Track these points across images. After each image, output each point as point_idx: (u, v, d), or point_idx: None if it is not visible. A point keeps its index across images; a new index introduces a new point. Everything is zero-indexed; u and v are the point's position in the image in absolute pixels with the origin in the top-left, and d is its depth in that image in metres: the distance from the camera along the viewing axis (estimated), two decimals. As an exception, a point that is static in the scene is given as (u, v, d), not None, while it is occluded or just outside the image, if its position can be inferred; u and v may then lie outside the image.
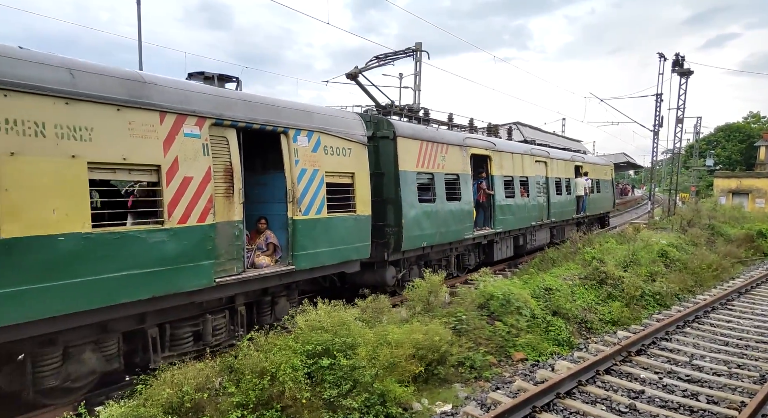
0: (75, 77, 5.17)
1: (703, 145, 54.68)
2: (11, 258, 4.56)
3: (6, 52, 4.80)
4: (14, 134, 4.64)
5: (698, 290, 12.40)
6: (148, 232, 5.66)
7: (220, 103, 6.60)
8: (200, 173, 6.19)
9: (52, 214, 4.87)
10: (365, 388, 5.28)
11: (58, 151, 4.94)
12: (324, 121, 8.25)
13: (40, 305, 4.77)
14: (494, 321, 8.04)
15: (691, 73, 27.74)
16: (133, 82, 5.69)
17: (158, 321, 6.15)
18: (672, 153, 32.35)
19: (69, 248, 4.97)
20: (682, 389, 6.28)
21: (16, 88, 4.68)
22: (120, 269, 5.36)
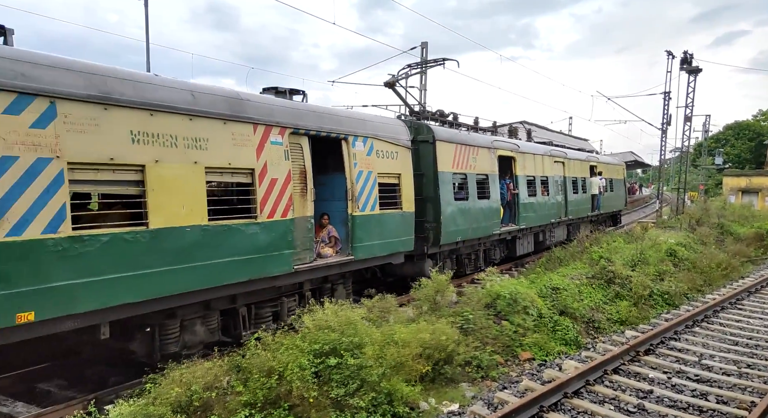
0: (195, 98, 6.30)
1: (711, 144, 54.19)
2: (156, 244, 5.72)
3: (149, 79, 6.00)
4: (158, 145, 5.78)
5: (707, 289, 12.30)
6: (246, 225, 6.75)
7: (296, 115, 7.70)
8: (283, 175, 7.29)
9: (182, 209, 5.98)
10: (372, 387, 5.29)
11: (185, 159, 6.06)
12: (376, 128, 9.33)
13: (173, 283, 5.88)
14: (501, 321, 8.03)
15: (700, 71, 27.49)
16: (233, 99, 6.80)
17: (246, 302, 7.22)
18: (680, 151, 32.10)
19: (192, 238, 6.09)
20: (691, 389, 6.24)
21: (157, 109, 5.80)
22: (226, 255, 6.47)
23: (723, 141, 56.99)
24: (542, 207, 15.19)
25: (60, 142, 5.01)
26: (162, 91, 5.94)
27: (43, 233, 4.87)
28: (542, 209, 15.21)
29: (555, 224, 16.39)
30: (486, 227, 12.31)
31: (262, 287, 7.17)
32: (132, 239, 5.51)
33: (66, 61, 5.30)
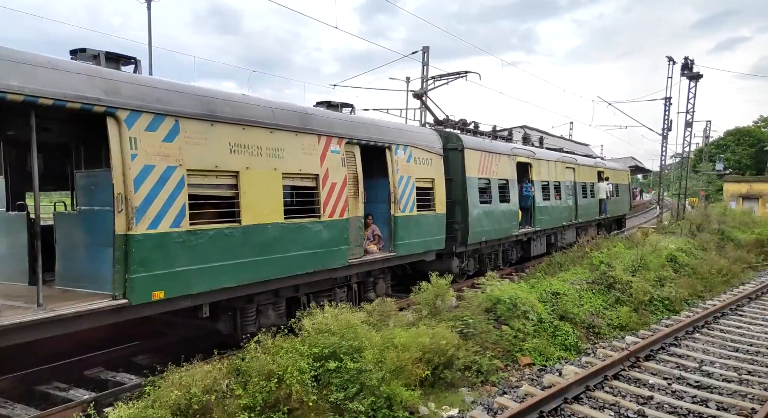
0: (274, 113, 7.36)
1: (712, 149, 54.23)
2: (247, 238, 6.77)
3: (241, 99, 7.17)
4: (248, 154, 6.83)
5: (708, 295, 12.28)
6: (312, 223, 7.80)
7: (350, 127, 8.78)
8: (340, 180, 8.32)
9: (265, 209, 7.03)
10: (372, 391, 5.28)
11: (267, 166, 7.12)
12: (413, 137, 10.42)
13: (257, 271, 6.94)
14: (501, 325, 8.02)
15: (701, 77, 27.56)
16: (302, 114, 7.89)
17: (307, 291, 8.23)
18: (681, 157, 32.11)
19: (272, 234, 7.12)
20: (692, 396, 6.22)
21: (248, 124, 6.87)
22: (297, 249, 7.50)
23: (724, 147, 57.02)
24: (555, 210, 16.05)
25: (182, 152, 6.11)
26: (251, 109, 7.06)
27: (171, 227, 5.95)
28: (555, 213, 16.06)
29: (566, 226, 17.20)
30: (506, 229, 13.25)
31: (321, 279, 8.26)
32: (229, 233, 6.60)
33: (185, 87, 6.53)
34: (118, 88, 5.69)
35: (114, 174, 5.51)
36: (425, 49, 22.72)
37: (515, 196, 13.73)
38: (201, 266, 6.23)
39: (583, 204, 18.48)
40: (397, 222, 9.61)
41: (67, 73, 5.33)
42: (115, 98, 5.58)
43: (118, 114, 5.58)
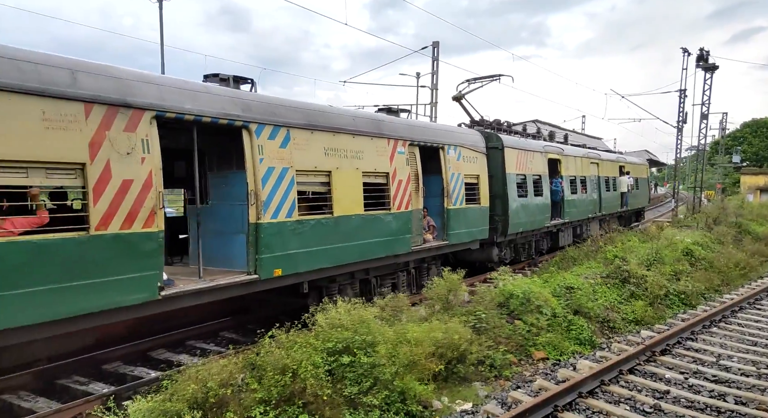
0: (355, 121, 8.78)
1: (729, 142, 53.24)
2: (337, 227, 8.13)
3: (331, 110, 8.63)
4: (337, 157, 8.21)
5: (725, 289, 12.10)
6: (384, 214, 9.11)
7: (411, 130, 10.14)
8: (405, 177, 9.64)
9: (350, 202, 8.39)
10: (385, 385, 5.30)
11: (351, 166, 8.47)
12: (461, 138, 11.70)
13: (344, 255, 8.29)
14: (514, 320, 7.99)
15: (716, 68, 27.06)
16: (375, 121, 9.34)
17: (375, 274, 9.54)
18: (696, 150, 31.57)
19: (355, 223, 8.48)
20: (709, 390, 6.15)
21: (337, 131, 8.25)
22: (372, 237, 8.83)
23: (740, 139, 55.97)
24: (582, 203, 17.09)
25: (292, 156, 7.49)
26: (338, 119, 8.47)
27: (286, 217, 7.35)
28: (582, 205, 17.12)
29: (591, 218, 18.24)
30: (540, 220, 14.32)
31: (388, 263, 9.60)
32: (325, 223, 7.97)
33: (292, 102, 7.98)
34: (250, 106, 7.11)
35: (248, 174, 6.93)
36: (435, 44, 22.60)
37: (547, 190, 14.72)
38: (305, 249, 7.67)
39: (607, 197, 19.36)
40: (449, 214, 10.92)
41: (218, 96, 6.78)
42: (248, 114, 6.99)
43: (250, 127, 6.98)
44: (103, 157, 5.38)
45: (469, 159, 11.61)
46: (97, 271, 5.34)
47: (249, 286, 7.08)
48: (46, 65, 5.11)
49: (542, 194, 14.39)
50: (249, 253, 7.01)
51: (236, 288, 6.93)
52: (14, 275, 4.75)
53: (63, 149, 5.10)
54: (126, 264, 5.58)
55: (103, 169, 5.40)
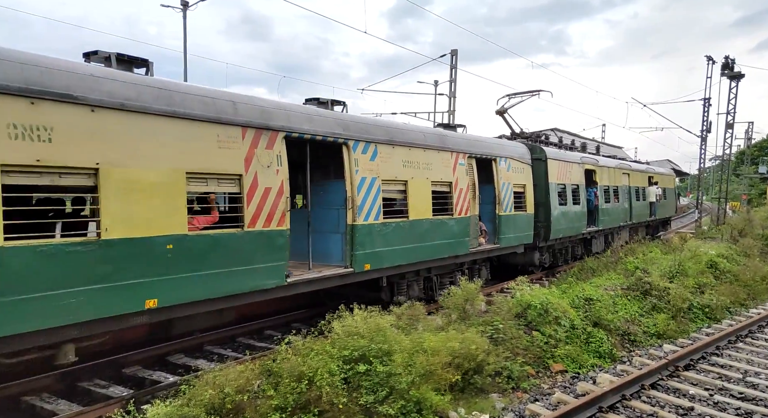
0: (426, 137, 10.09)
1: (755, 152, 51.95)
2: (411, 230, 9.45)
3: (407, 127, 10.05)
4: (412, 168, 9.53)
5: (751, 303, 11.75)
6: (448, 219, 10.32)
7: (470, 144, 11.34)
8: (465, 186, 10.83)
9: (422, 208, 9.65)
10: (401, 395, 5.26)
11: (422, 176, 9.73)
12: (510, 151, 12.82)
13: (415, 254, 9.58)
14: (531, 331, 7.87)
15: (742, 77, 26.47)
16: (441, 136, 10.58)
17: (436, 273, 10.60)
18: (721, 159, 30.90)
19: (425, 227, 9.73)
20: (735, 407, 5.96)
21: (411, 146, 9.61)
22: (438, 239, 10.05)
23: (767, 149, 54.55)
24: (614, 212, 17.88)
25: (379, 168, 8.82)
26: (412, 134, 9.79)
27: (374, 219, 8.67)
28: (614, 214, 17.88)
29: (622, 227, 18.90)
30: (577, 227, 15.23)
31: (448, 263, 10.71)
32: (402, 225, 9.23)
33: (377, 121, 9.60)
34: (348, 125, 8.41)
35: (346, 183, 8.28)
36: (453, 52, 22.64)
37: (584, 199, 15.59)
38: (387, 248, 8.92)
39: (636, 206, 20.05)
40: (500, 220, 11.99)
41: (326, 118, 8.16)
42: (347, 133, 8.30)
43: (349, 143, 8.31)
44: (252, 170, 6.85)
45: (517, 170, 12.74)
46: (248, 259, 6.78)
47: (345, 277, 8.49)
48: (220, 99, 6.66)
49: (579, 203, 15.26)
50: (346, 250, 8.42)
51: (336, 279, 8.35)
52: (198, 260, 6.20)
53: (228, 163, 6.55)
54: (266, 255, 7.03)
55: (253, 179, 6.85)
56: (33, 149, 4.86)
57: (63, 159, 5.07)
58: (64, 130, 5.08)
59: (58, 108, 5.05)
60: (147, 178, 5.70)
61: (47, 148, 4.95)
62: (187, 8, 21.66)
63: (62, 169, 5.09)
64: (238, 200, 6.76)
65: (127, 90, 5.62)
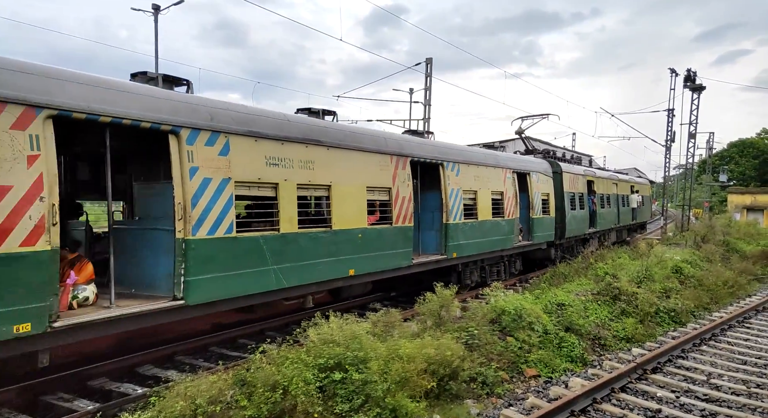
0: (486, 157, 12.94)
1: (716, 161, 54.13)
2: (479, 228, 12.06)
3: (473, 150, 13.05)
4: (479, 181, 12.30)
5: (714, 307, 12.19)
6: (501, 220, 13.21)
7: (514, 162, 14.49)
8: (512, 194, 13.84)
9: (486, 211, 12.50)
10: (377, 403, 5.24)
11: (486, 187, 12.58)
12: (539, 166, 15.88)
13: (479, 247, 12.25)
14: (506, 336, 7.96)
15: (703, 89, 27.65)
16: (495, 156, 13.65)
17: (488, 263, 13.38)
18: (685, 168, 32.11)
19: (488, 226, 12.52)
20: (700, 409, 6.16)
21: (478, 164, 12.44)
22: (495, 235, 12.96)
23: (727, 158, 56.93)
24: (607, 216, 21.12)
25: (461, 181, 11.65)
26: (479, 155, 12.86)
27: (458, 220, 11.40)
28: (607, 218, 21.11)
29: (612, 229, 22.20)
30: (582, 228, 18.38)
31: (496, 255, 13.48)
32: (474, 224, 12.05)
33: (460, 147, 12.91)
34: (442, 151, 11.44)
35: (442, 193, 11.14)
36: (428, 60, 22.90)
37: (586, 205, 18.84)
38: (466, 241, 11.70)
39: (623, 211, 23.52)
40: (533, 222, 14.85)
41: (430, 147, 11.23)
42: (442, 156, 11.30)
43: (444, 164, 11.17)
44: (396, 184, 9.76)
45: (543, 181, 15.75)
46: (394, 246, 9.67)
47: (442, 261, 11.18)
48: (379, 137, 9.85)
49: (584, 208, 18.57)
50: (441, 242, 11.15)
51: (433, 264, 10.95)
52: (372, 245, 9.15)
53: (384, 180, 9.57)
54: (403, 243, 9.90)
55: (396, 190, 9.74)
56: (306, 174, 7.86)
57: (317, 179, 8.06)
58: (318, 162, 8.06)
59: (316, 149, 8.06)
60: (350, 191, 8.69)
61: (312, 173, 7.96)
62: (159, 12, 21.29)
63: (317, 186, 8.12)
64: (388, 205, 9.68)
65: (341, 135, 8.72)
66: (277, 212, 7.27)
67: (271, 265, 7.15)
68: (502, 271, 13.81)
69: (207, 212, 6.35)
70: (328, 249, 8.19)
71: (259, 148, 7.05)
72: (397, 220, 9.70)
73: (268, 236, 7.13)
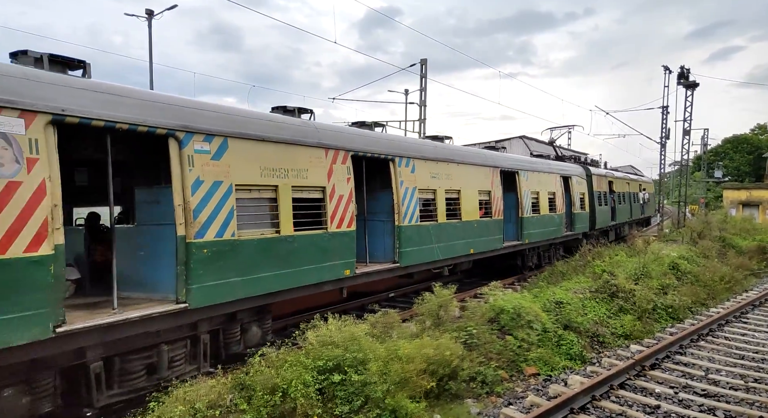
0: (542, 165, 16.26)
1: (711, 157, 54.38)
2: (540, 221, 15.28)
3: (533, 160, 16.40)
4: (540, 184, 15.52)
5: (711, 302, 12.24)
6: (554, 214, 16.19)
7: (562, 169, 17.62)
8: (560, 193, 16.81)
9: (544, 207, 15.46)
10: (377, 404, 5.24)
11: (545, 189, 15.75)
12: (577, 171, 19.14)
13: (541, 236, 15.42)
14: (505, 335, 7.97)
15: (697, 86, 27.77)
16: (548, 164, 16.87)
17: (543, 250, 16.21)
18: (680, 165, 32.30)
19: (546, 219, 15.66)
20: (699, 404, 6.18)
21: (541, 171, 15.88)
22: (551, 226, 15.98)
23: (722, 154, 57.22)
24: (624, 211, 24.65)
25: (529, 184, 14.83)
26: (540, 165, 15.88)
27: (528, 214, 14.49)
28: (624, 212, 24.65)
29: (627, 222, 25.51)
30: (606, 221, 21.59)
31: (549, 244, 16.41)
32: (537, 218, 15.03)
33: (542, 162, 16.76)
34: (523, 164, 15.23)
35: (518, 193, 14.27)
36: (423, 61, 22.93)
37: (608, 202, 22.23)
38: (533, 231, 14.76)
39: (634, 207, 27.04)
40: (574, 216, 17.85)
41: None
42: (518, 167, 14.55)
43: (519, 173, 14.26)
44: (494, 187, 13.14)
45: (580, 183, 19.00)
46: (492, 233, 12.83)
47: (518, 246, 14.21)
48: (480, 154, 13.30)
49: (607, 204, 21.92)
50: (518, 231, 14.18)
51: (512, 247, 14.01)
52: (483, 233, 12.41)
53: (487, 185, 12.97)
54: (497, 231, 13.08)
55: (494, 193, 13.13)
56: (449, 182, 11.30)
57: (453, 186, 11.47)
58: (453, 174, 11.45)
59: (452, 165, 11.48)
60: (470, 194, 12.02)
61: (451, 181, 11.33)
62: (152, 17, 21.25)
63: (455, 190, 11.53)
64: (490, 203, 12.78)
65: (465, 155, 12.35)
66: (435, 208, 10.83)
67: (434, 243, 10.64)
68: (551, 255, 17.00)
69: (407, 208, 9.98)
70: (461, 234, 11.66)
71: (428, 167, 10.67)
72: (494, 214, 13.01)
73: (432, 225, 10.57)
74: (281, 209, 7.17)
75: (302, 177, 7.61)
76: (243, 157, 6.68)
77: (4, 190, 4.49)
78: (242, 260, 6.52)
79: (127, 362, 5.61)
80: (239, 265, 6.49)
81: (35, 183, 4.69)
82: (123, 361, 5.57)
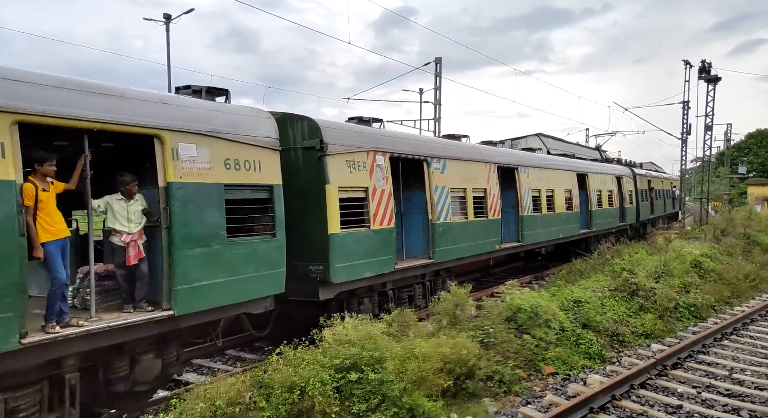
0: (593, 166, 19.63)
1: (734, 153, 53.10)
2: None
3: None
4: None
5: (735, 301, 11.96)
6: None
7: (614, 171, 21.66)
8: (615, 191, 20.90)
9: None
10: (394, 402, 5.26)
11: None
12: (625, 171, 22.29)
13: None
14: (522, 334, 7.91)
15: (719, 80, 27.11)
16: (600, 167, 20.43)
17: (604, 236, 19.21)
18: (702, 161, 31.65)
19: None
20: (723, 404, 6.06)
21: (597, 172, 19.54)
22: (610, 217, 20.05)
23: (746, 150, 55.83)
24: (660, 206, 27.77)
25: (593, 184, 18.77)
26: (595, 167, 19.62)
27: (595, 208, 18.48)
28: (660, 207, 27.85)
29: (662, 215, 29.03)
30: (647, 214, 25.18)
31: (608, 231, 19.27)
32: (601, 211, 18.97)
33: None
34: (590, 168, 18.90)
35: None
36: (437, 60, 22.86)
37: (649, 198, 25.33)
38: (599, 221, 18.60)
39: (667, 202, 30.19)
40: (625, 210, 21.27)
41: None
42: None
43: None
44: (571, 187, 17.23)
45: (628, 182, 22.19)
46: (573, 222, 16.71)
47: (587, 234, 17.46)
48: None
49: (647, 200, 24.71)
50: (588, 220, 17.35)
51: (584, 234, 17.28)
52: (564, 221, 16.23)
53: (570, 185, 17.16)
54: (576, 221, 16.74)
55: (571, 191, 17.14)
56: (545, 183, 15.09)
57: (548, 185, 15.32)
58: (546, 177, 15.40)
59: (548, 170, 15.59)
60: (559, 192, 15.48)
61: (548, 182, 15.20)
62: (170, 21, 21.64)
63: (548, 189, 14.96)
64: (571, 200, 16.37)
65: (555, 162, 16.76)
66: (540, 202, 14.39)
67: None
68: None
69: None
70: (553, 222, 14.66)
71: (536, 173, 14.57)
72: (574, 208, 16.36)
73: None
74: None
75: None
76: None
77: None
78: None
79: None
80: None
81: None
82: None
